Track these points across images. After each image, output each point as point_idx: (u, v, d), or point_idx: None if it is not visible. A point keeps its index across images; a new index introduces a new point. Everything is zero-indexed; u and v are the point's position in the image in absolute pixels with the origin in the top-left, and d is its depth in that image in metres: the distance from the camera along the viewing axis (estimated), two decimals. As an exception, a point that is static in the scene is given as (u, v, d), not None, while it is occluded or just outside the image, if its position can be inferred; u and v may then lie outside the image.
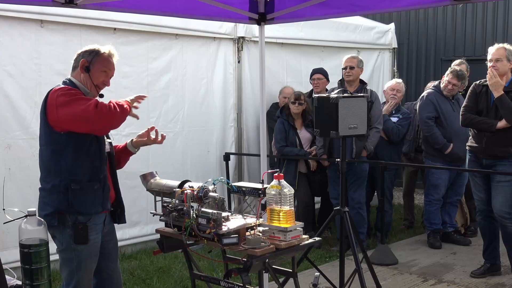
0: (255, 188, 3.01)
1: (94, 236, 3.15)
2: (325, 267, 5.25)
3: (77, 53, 3.27)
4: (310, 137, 6.30)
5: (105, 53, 3.23)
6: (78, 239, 3.07)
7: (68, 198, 3.06)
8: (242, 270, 2.77)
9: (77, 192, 3.07)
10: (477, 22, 9.27)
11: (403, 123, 6.37)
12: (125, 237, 5.81)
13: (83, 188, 3.09)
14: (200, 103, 6.43)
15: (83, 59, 3.19)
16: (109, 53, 3.25)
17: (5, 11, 4.81)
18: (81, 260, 3.12)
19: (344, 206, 4.08)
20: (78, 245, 3.09)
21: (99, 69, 3.19)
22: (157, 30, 5.91)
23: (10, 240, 4.77)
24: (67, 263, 3.15)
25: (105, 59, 3.23)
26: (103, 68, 3.21)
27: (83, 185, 3.09)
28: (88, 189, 3.10)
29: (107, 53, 3.24)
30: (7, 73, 4.92)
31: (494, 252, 5.27)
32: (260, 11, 4.20)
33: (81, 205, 3.08)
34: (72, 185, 3.07)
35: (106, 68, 3.22)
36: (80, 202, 3.08)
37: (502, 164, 4.94)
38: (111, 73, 3.28)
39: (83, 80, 3.19)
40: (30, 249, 2.08)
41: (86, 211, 3.10)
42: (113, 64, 3.28)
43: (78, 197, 3.07)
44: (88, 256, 3.14)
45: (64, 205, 3.07)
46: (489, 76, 4.86)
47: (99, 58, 3.21)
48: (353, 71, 5.86)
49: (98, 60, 3.20)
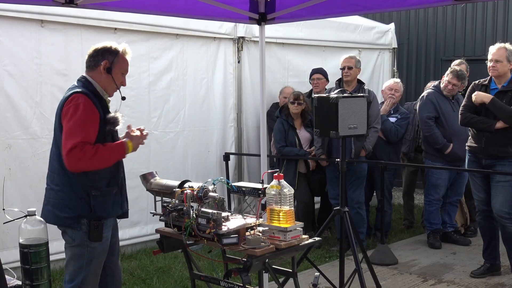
0: (255, 188, 3.02)
1: (107, 234, 3.20)
2: (325, 267, 5.25)
3: (93, 49, 3.23)
4: (309, 137, 6.30)
5: (123, 53, 3.25)
6: (93, 236, 3.11)
7: (90, 204, 3.10)
8: (242, 270, 2.77)
9: (98, 198, 3.11)
10: (477, 22, 9.27)
11: (402, 123, 6.37)
12: (125, 237, 5.81)
13: (104, 194, 3.14)
14: (200, 103, 6.43)
15: (105, 60, 3.18)
16: (127, 51, 3.28)
17: (6, 11, 4.81)
18: (93, 256, 3.15)
19: (344, 206, 4.08)
20: (92, 242, 3.12)
21: (119, 71, 3.22)
22: (158, 30, 5.92)
23: (10, 240, 4.77)
24: (76, 259, 3.16)
25: (124, 60, 3.25)
26: (122, 70, 3.24)
27: (103, 191, 3.13)
28: (108, 194, 3.15)
29: (125, 53, 3.26)
30: (7, 73, 4.92)
31: (494, 252, 5.27)
32: (261, 11, 4.20)
33: (102, 210, 3.14)
34: (93, 192, 3.10)
35: (125, 69, 3.26)
36: (100, 207, 3.13)
37: (501, 164, 4.94)
38: (127, 73, 3.31)
39: (104, 80, 3.20)
40: (30, 249, 2.08)
41: (107, 215, 3.17)
42: (128, 63, 3.31)
43: (98, 202, 3.12)
44: (101, 253, 3.18)
45: (86, 211, 3.11)
46: (474, 98, 4.97)
47: (119, 59, 3.22)
48: (351, 71, 5.86)
49: (118, 61, 3.21)
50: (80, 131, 3.01)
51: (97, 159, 3.01)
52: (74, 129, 3.00)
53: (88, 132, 3.03)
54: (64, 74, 5.22)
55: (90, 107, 3.06)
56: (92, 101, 3.08)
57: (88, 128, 3.04)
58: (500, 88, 4.97)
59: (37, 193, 5.02)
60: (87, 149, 2.98)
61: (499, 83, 4.98)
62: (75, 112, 3.02)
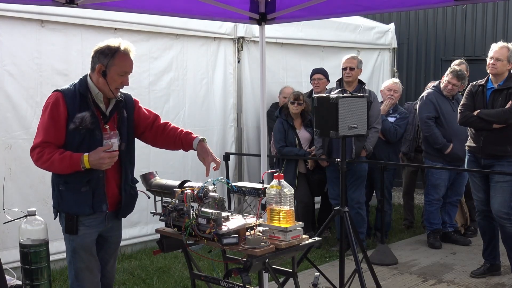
0: (255, 188, 3.01)
1: (84, 231, 3.17)
2: (325, 267, 5.25)
3: (93, 50, 3.18)
4: (309, 137, 6.30)
5: (120, 52, 3.13)
6: (67, 228, 3.16)
7: (57, 197, 3.17)
8: (242, 270, 2.77)
9: (63, 193, 3.14)
10: (477, 22, 9.28)
11: (401, 123, 6.37)
12: (125, 237, 5.77)
13: (68, 189, 3.13)
14: (200, 103, 6.43)
15: (99, 64, 3.11)
16: (125, 50, 3.15)
17: (6, 11, 4.81)
18: (74, 249, 3.17)
19: (344, 206, 4.08)
20: (67, 234, 3.17)
21: (115, 73, 3.12)
22: (158, 30, 5.92)
23: (10, 240, 4.78)
24: (66, 252, 3.25)
25: (122, 60, 3.14)
26: (120, 72, 3.14)
27: (69, 187, 3.13)
28: (75, 191, 3.12)
29: (122, 52, 3.14)
30: (7, 73, 4.92)
31: (494, 252, 5.28)
32: (261, 11, 4.19)
33: (67, 206, 3.15)
34: (60, 186, 3.15)
35: (123, 70, 3.15)
36: (66, 202, 3.15)
37: (500, 165, 4.95)
38: (130, 71, 3.20)
39: (101, 83, 3.14)
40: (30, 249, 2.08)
41: (73, 212, 3.14)
42: (131, 61, 3.19)
43: (64, 197, 3.15)
44: (79, 247, 3.16)
45: (56, 203, 3.20)
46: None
47: (115, 60, 3.12)
48: (353, 72, 5.85)
49: (114, 64, 3.11)
50: (42, 131, 3.07)
51: (49, 165, 3.05)
52: (39, 129, 3.10)
53: (49, 132, 3.05)
54: (64, 74, 5.22)
55: (56, 107, 3.05)
56: (65, 101, 3.07)
57: (49, 128, 3.05)
58: (496, 87, 4.99)
59: (37, 193, 5.03)
60: (45, 152, 3.03)
61: (496, 82, 5.00)
62: (43, 112, 3.11)
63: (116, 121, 3.28)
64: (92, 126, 3.11)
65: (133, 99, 3.41)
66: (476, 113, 4.97)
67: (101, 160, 3.03)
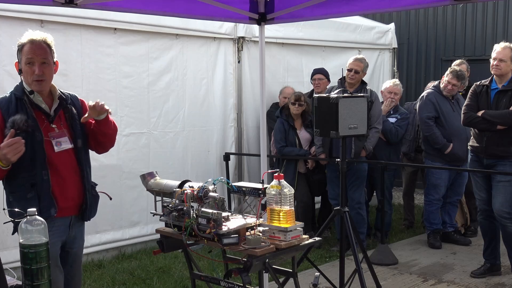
0: (255, 188, 3.01)
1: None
2: (325, 267, 5.25)
3: None
4: (309, 138, 6.30)
5: (26, 44, 3.09)
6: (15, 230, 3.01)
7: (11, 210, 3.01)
8: (242, 270, 2.77)
9: (13, 204, 3.00)
10: (477, 22, 9.28)
11: (402, 123, 6.36)
12: (125, 237, 5.82)
13: (16, 199, 3.05)
14: (200, 103, 6.43)
15: (15, 62, 3.16)
16: (29, 40, 3.09)
17: (5, 11, 4.81)
18: None
19: (344, 206, 4.08)
20: None
21: (24, 65, 3.12)
22: (158, 30, 5.92)
23: (10, 240, 4.77)
24: None
25: (26, 49, 3.09)
26: (26, 61, 3.10)
27: (16, 197, 3.06)
28: (20, 199, 3.04)
29: (27, 42, 3.09)
30: (7, 73, 4.91)
31: (494, 252, 5.27)
32: (260, 11, 4.19)
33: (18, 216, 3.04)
34: (9, 198, 3.09)
35: (27, 58, 3.09)
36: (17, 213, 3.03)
37: (502, 164, 4.95)
38: (38, 59, 3.10)
39: (24, 80, 3.17)
40: (30, 249, 2.08)
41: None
42: (34, 49, 3.09)
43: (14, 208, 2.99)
44: None
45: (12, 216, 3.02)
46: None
47: (23, 53, 3.11)
48: (357, 75, 5.78)
49: (22, 56, 3.13)
50: None
51: None
52: None
53: None
54: (64, 74, 5.20)
55: None
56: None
57: None
58: (501, 88, 4.98)
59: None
60: None
61: (500, 83, 5.00)
62: None
63: (64, 119, 3.22)
64: (29, 128, 3.04)
65: (79, 99, 3.39)
66: (480, 114, 4.96)
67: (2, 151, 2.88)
